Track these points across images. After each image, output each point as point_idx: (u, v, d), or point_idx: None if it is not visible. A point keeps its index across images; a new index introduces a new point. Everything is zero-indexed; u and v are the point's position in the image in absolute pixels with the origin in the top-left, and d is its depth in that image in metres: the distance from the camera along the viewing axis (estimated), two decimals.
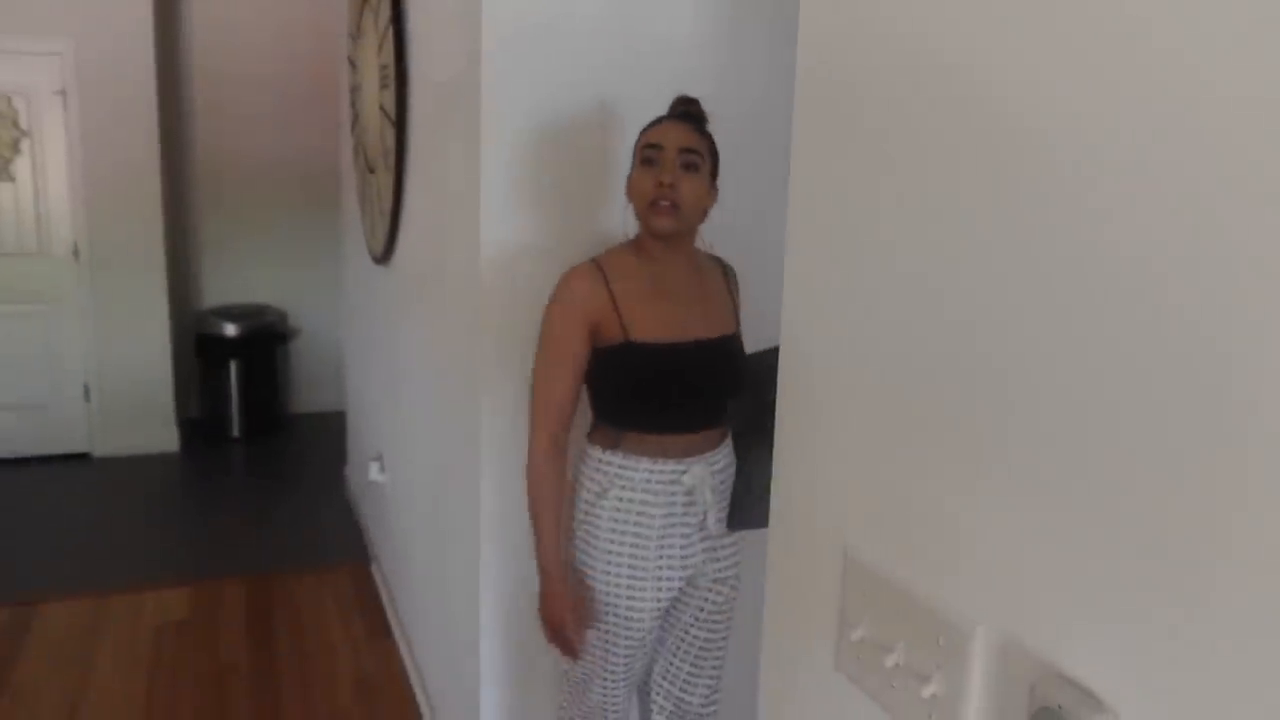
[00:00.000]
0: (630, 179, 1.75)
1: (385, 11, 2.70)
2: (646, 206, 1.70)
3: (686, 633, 1.89)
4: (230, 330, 5.32)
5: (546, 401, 1.76)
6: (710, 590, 1.86)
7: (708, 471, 1.77)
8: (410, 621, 3.13)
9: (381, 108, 2.86)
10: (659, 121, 1.74)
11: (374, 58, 2.94)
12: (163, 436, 5.20)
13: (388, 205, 2.84)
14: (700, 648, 1.89)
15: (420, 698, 2.90)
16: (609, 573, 1.77)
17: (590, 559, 1.78)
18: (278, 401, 5.67)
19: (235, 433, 5.43)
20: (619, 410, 1.78)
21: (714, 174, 1.76)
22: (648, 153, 1.70)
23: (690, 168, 1.69)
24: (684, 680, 1.91)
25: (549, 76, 1.95)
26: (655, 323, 1.72)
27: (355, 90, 3.40)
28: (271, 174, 5.63)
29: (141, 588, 3.60)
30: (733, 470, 1.85)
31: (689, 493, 1.76)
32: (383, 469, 3.45)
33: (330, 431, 5.27)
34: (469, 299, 2.13)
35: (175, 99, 5.39)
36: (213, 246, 5.65)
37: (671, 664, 1.92)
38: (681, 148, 1.69)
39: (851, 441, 0.81)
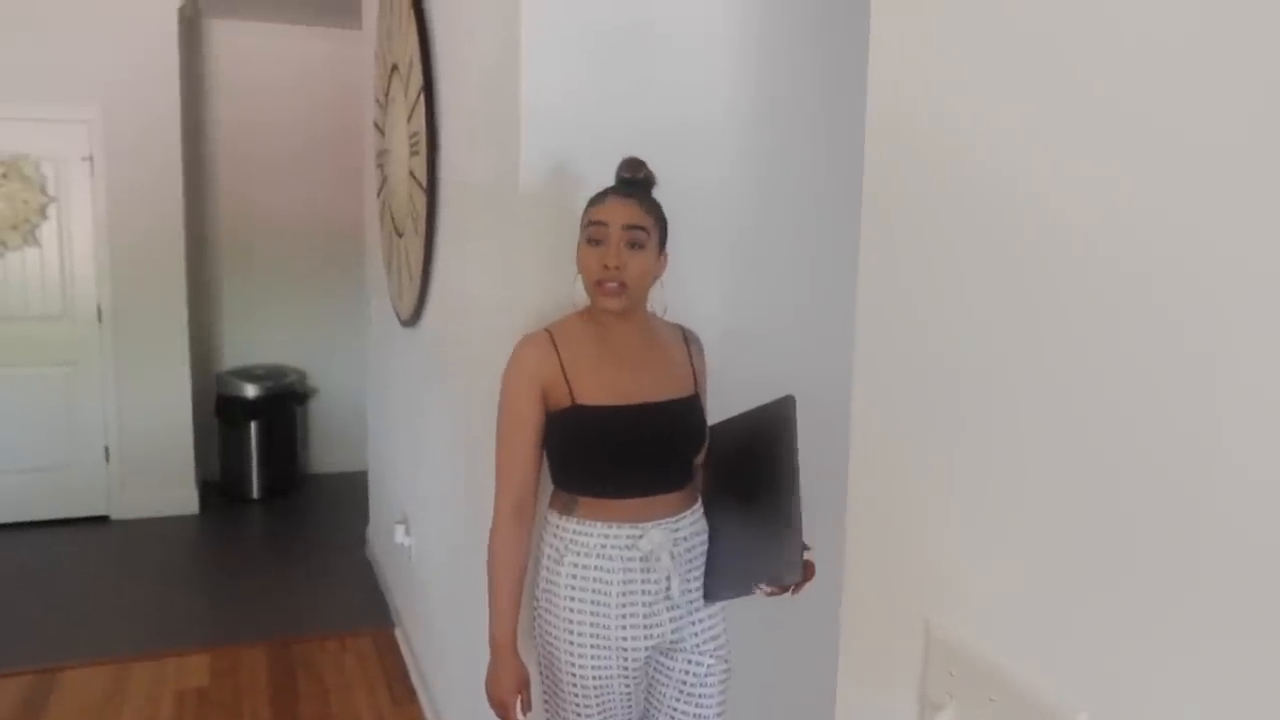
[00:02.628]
0: (579, 253, 1.76)
1: (416, 81, 2.75)
2: (594, 285, 1.72)
3: (673, 709, 1.84)
4: (250, 391, 5.34)
5: (507, 469, 1.78)
6: (690, 662, 1.82)
7: (667, 537, 1.75)
8: (437, 687, 3.08)
9: (411, 173, 2.89)
10: (605, 196, 1.75)
11: (404, 125, 2.98)
12: (182, 498, 5.19)
13: (417, 269, 2.86)
14: None
15: None
16: (572, 641, 1.75)
17: (553, 626, 1.77)
18: (297, 462, 5.66)
19: (255, 494, 5.42)
20: (572, 475, 1.79)
21: (662, 243, 1.78)
22: (593, 230, 1.72)
23: (636, 245, 1.71)
24: None
25: (587, 141, 1.97)
26: (602, 387, 1.74)
27: (382, 155, 3.45)
28: (292, 236, 5.70)
29: (162, 654, 3.56)
30: (702, 538, 1.84)
31: (645, 558, 1.74)
32: (408, 532, 3.43)
33: (350, 492, 5.26)
34: (501, 362, 2.13)
35: (199, 165, 5.48)
36: (233, 308, 5.71)
37: None
38: (626, 225, 1.70)
39: (933, 512, 0.80)
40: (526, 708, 1.79)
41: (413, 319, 3.09)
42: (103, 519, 5.09)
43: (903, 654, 0.84)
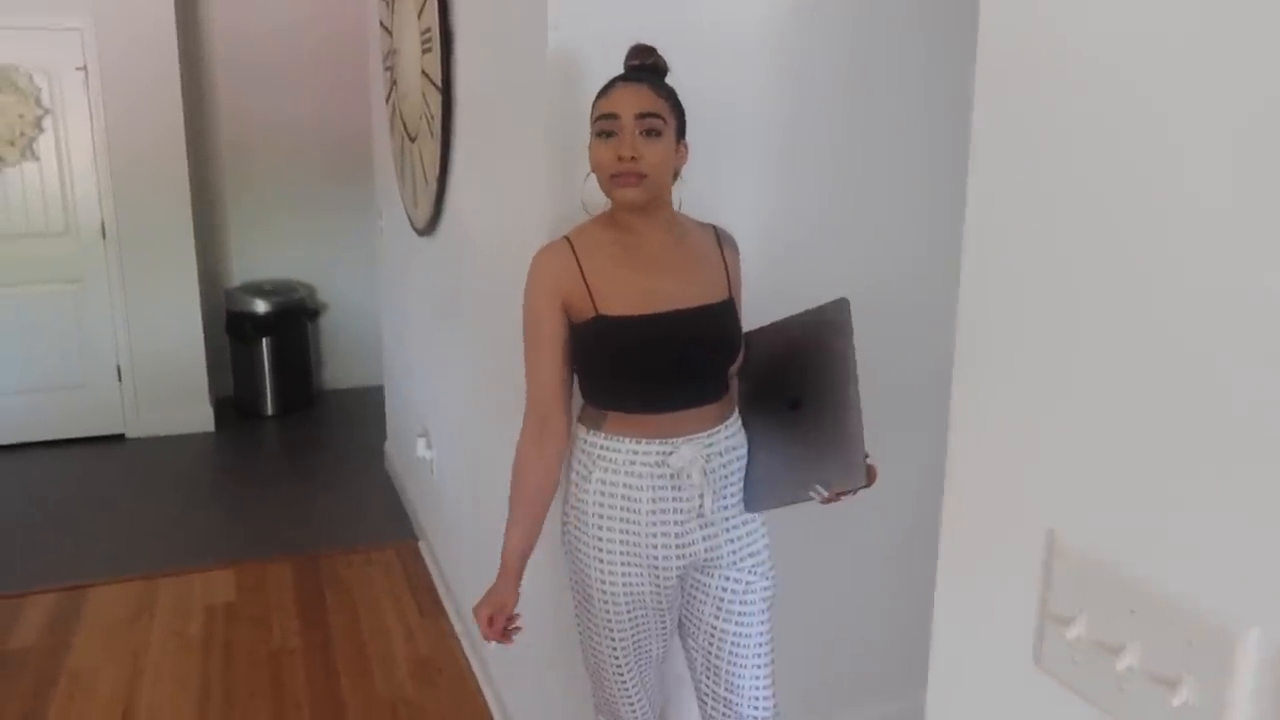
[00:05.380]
0: (590, 150, 1.64)
1: None
2: (609, 179, 1.60)
3: (713, 628, 1.77)
4: (260, 307, 5.26)
5: (532, 384, 1.71)
6: (728, 579, 1.75)
7: (699, 453, 1.67)
8: (465, 600, 3.08)
9: (424, 73, 2.76)
10: (612, 85, 1.62)
11: (414, 21, 2.83)
12: (197, 416, 5.16)
13: (434, 174, 2.75)
14: (733, 643, 1.76)
15: (481, 677, 2.85)
16: (601, 558, 1.69)
17: (581, 542, 1.71)
18: (310, 378, 5.62)
19: (269, 410, 5.39)
20: (599, 389, 1.71)
21: (681, 131, 1.65)
22: (603, 124, 1.58)
23: (652, 133, 1.58)
24: (727, 681, 1.78)
25: (616, 39, 1.83)
26: (626, 295, 1.64)
27: (391, 56, 3.29)
28: (296, 146, 5.54)
29: (188, 570, 3.56)
30: (740, 453, 1.75)
31: (676, 475, 1.66)
32: (429, 445, 3.39)
33: (364, 407, 5.22)
34: (524, 269, 2.04)
35: (198, 73, 5.30)
36: (238, 222, 5.58)
37: (709, 662, 1.79)
38: (639, 113, 1.57)
39: (1060, 407, 0.72)
40: (497, 633, 1.74)
41: (429, 227, 2.99)
42: (119, 437, 5.07)
43: (1019, 566, 0.77)
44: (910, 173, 2.21)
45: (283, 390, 5.41)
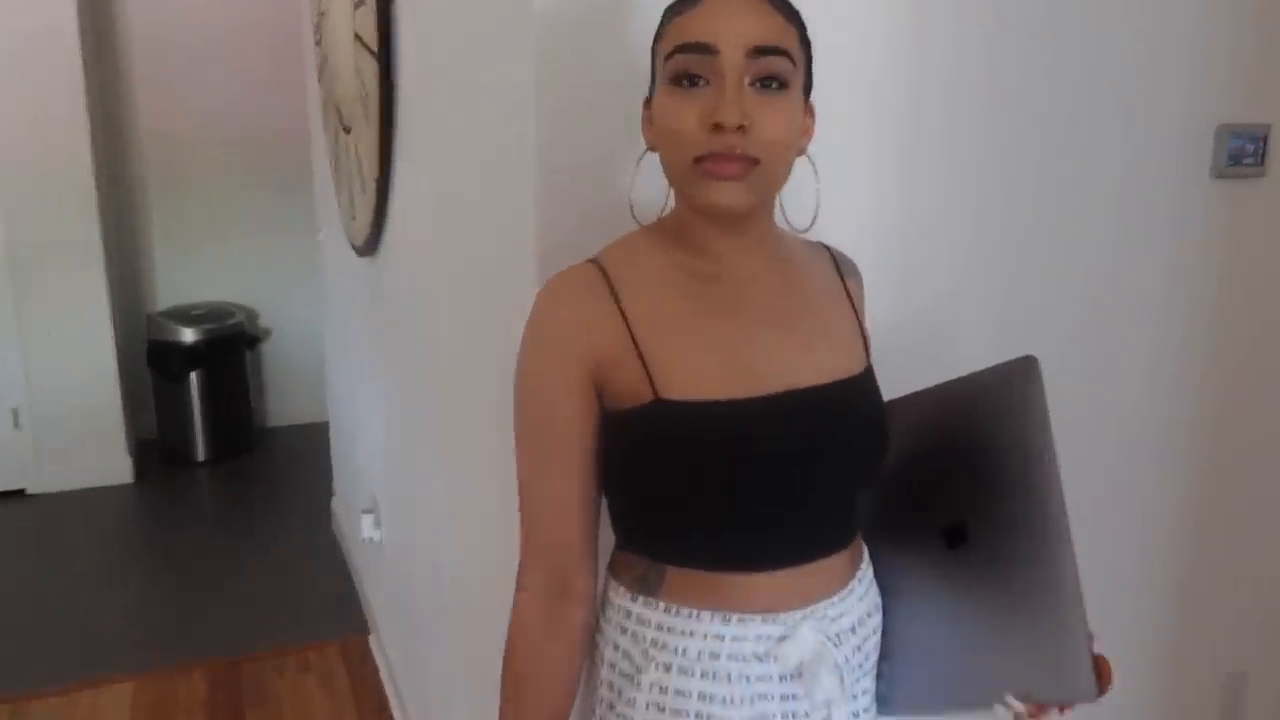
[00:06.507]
0: (653, 109, 0.93)
1: None
2: (692, 165, 0.88)
3: None
4: (188, 335, 4.52)
5: (535, 517, 1.00)
6: None
7: (824, 632, 0.97)
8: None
9: (357, 36, 2.02)
10: None
11: None
12: (112, 466, 4.38)
13: (371, 173, 2.01)
14: None
15: None
16: None
17: None
18: (249, 416, 4.86)
19: (200, 456, 4.62)
20: (654, 527, 0.99)
21: (809, 84, 0.95)
22: (684, 61, 0.88)
23: (772, 84, 0.88)
24: None
25: None
26: (706, 366, 0.94)
27: (321, 18, 2.54)
28: (230, 145, 4.77)
29: (73, 686, 2.78)
30: (877, 619, 1.07)
31: (793, 676, 0.97)
32: (378, 523, 2.65)
33: (313, 448, 4.44)
34: (508, 311, 1.31)
35: (109, 54, 4.55)
36: (162, 235, 4.82)
37: None
38: (754, 47, 0.87)
39: None
40: None
41: (369, 245, 2.25)
42: (18, 494, 4.28)
43: None
44: (1069, 179, 1.51)
45: (216, 432, 4.64)
